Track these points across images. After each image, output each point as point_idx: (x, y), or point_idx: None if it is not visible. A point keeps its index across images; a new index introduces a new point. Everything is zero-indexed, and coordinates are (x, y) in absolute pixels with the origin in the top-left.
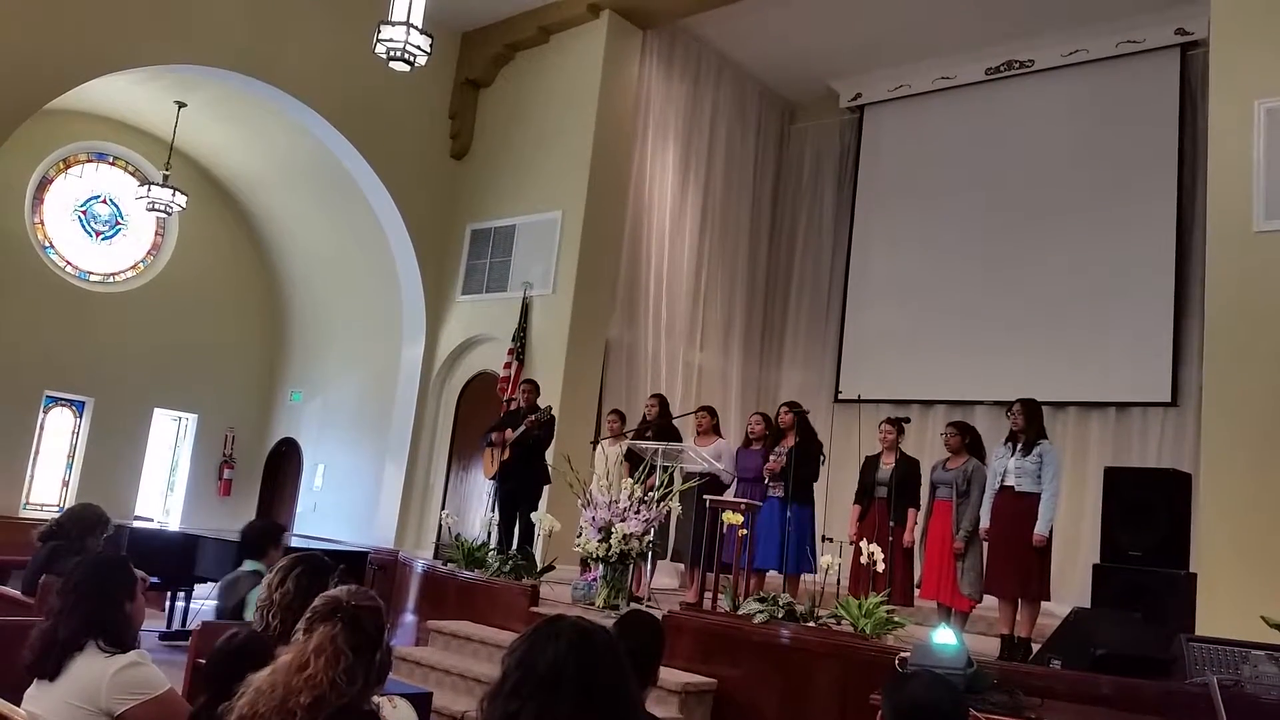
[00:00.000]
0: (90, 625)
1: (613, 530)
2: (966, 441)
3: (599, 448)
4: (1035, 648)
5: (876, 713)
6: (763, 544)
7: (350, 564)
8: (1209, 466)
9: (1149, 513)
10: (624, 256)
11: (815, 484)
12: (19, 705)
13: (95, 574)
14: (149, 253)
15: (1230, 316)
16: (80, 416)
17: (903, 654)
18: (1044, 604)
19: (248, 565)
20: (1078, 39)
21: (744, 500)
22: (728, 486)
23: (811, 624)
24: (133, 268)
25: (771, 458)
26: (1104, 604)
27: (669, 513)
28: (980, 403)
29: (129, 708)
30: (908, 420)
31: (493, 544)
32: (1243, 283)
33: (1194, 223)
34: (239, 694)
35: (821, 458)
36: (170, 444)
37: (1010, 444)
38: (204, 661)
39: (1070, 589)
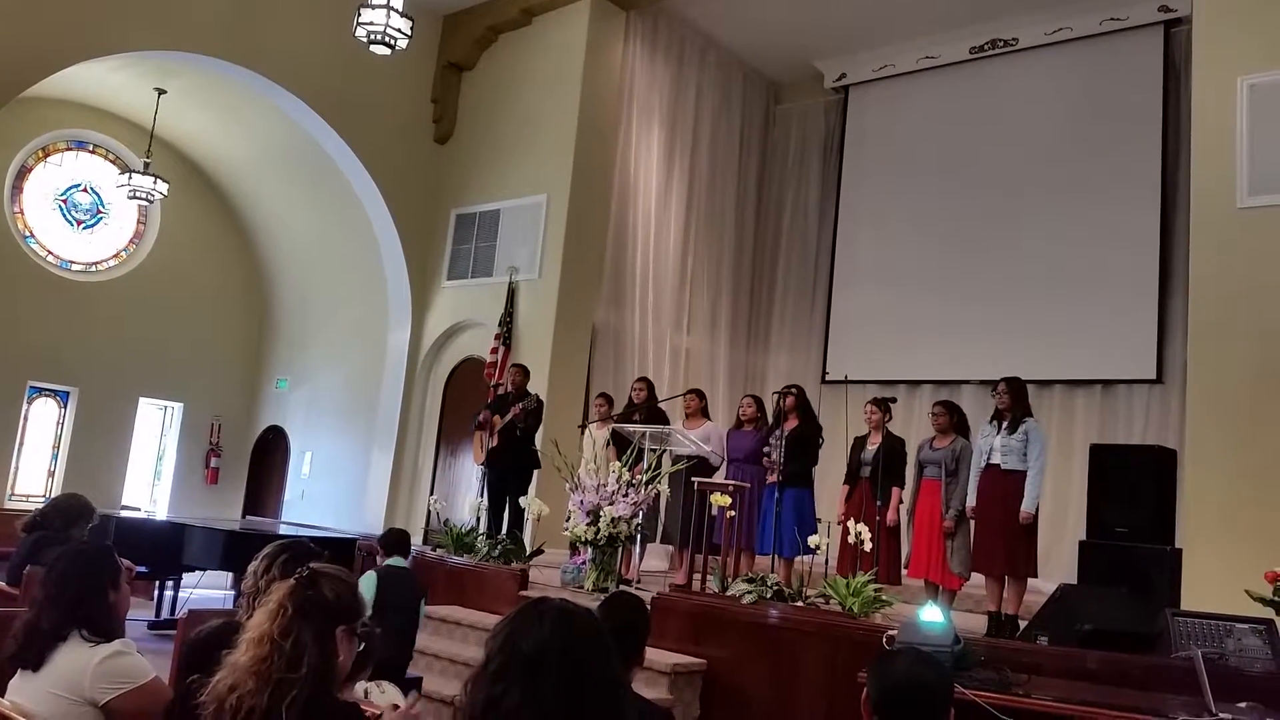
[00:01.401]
0: (73, 615)
1: (601, 514)
2: (954, 421)
3: (587, 432)
4: (1022, 624)
5: (864, 691)
6: (767, 528)
7: (339, 551)
8: (1194, 442)
9: (1135, 489)
10: (610, 240)
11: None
12: (3, 696)
13: (78, 564)
14: (131, 241)
15: (1214, 293)
16: (65, 407)
17: (890, 632)
18: (1031, 581)
19: (400, 560)
20: (1062, 16)
21: (732, 482)
22: (716, 469)
23: (800, 604)
24: (115, 256)
25: (771, 442)
26: (1090, 580)
27: (659, 496)
28: (966, 382)
29: (113, 697)
30: (893, 400)
31: (482, 529)
32: (1226, 259)
33: (1178, 199)
34: (217, 674)
35: (819, 440)
36: (156, 433)
37: (996, 422)
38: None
39: (1057, 566)
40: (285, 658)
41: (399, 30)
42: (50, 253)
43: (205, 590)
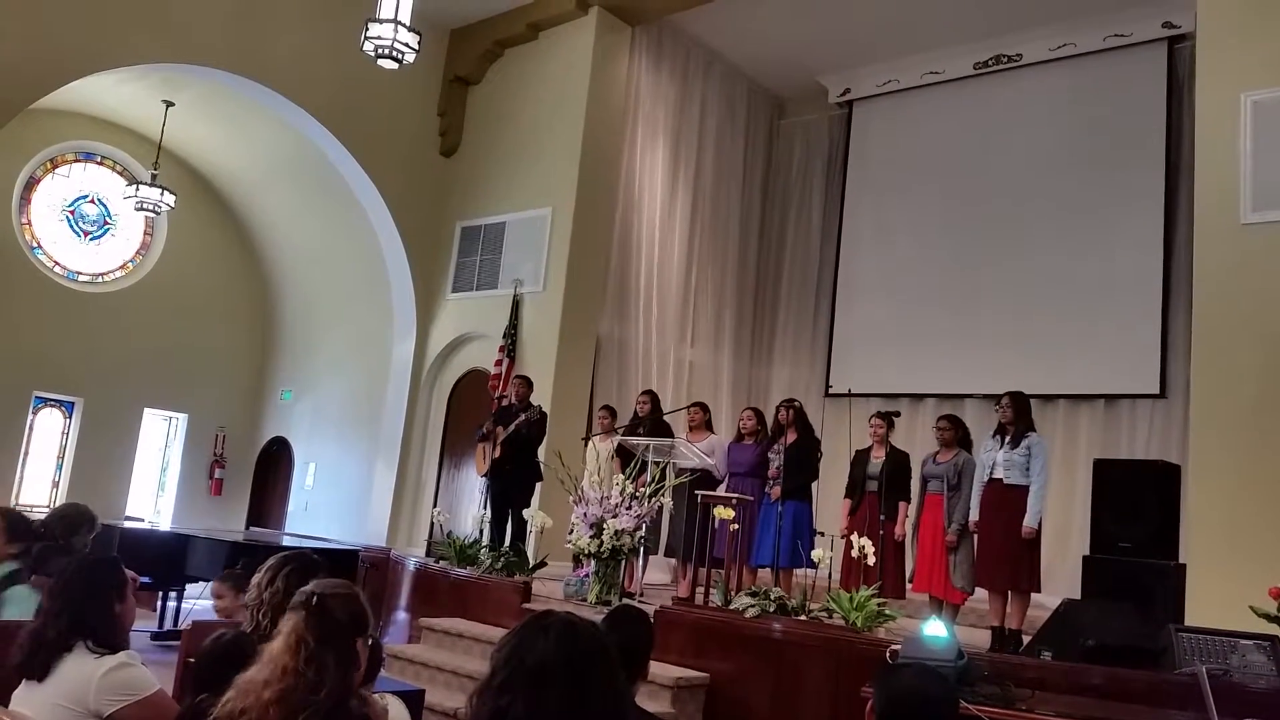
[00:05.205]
0: (79, 626)
1: (604, 526)
2: (958, 435)
3: (590, 444)
4: (1026, 639)
5: (868, 705)
6: (763, 541)
7: (342, 562)
8: (1197, 457)
9: (1138, 504)
10: (614, 253)
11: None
12: (8, 706)
13: (85, 575)
14: (138, 252)
15: (1217, 308)
16: (70, 417)
17: (894, 647)
18: (1034, 596)
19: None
20: (1065, 33)
21: (735, 495)
22: (720, 482)
23: (803, 617)
24: (121, 267)
25: (771, 455)
26: (1094, 595)
27: (662, 508)
28: (970, 396)
29: (117, 709)
30: (897, 414)
31: (485, 541)
32: (1230, 275)
33: (1181, 215)
34: (227, 692)
35: (818, 454)
36: (160, 444)
37: (999, 436)
38: (192, 661)
39: (1060, 580)
40: (309, 685)
41: (406, 45)
42: (57, 263)
43: (208, 601)
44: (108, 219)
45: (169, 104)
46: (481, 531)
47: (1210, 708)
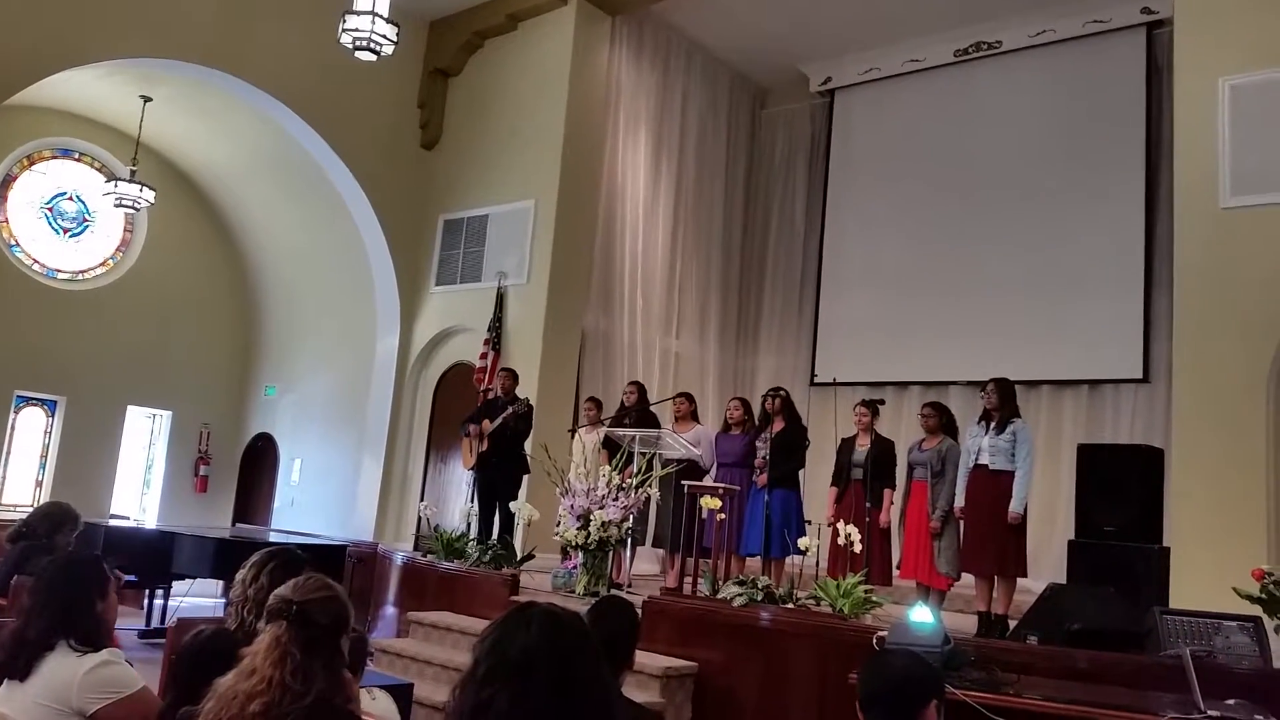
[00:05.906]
0: (61, 625)
1: (591, 518)
2: (943, 422)
3: (576, 436)
4: (1012, 624)
5: (855, 691)
6: (752, 530)
7: (329, 558)
8: (1180, 441)
9: (1123, 488)
10: (598, 244)
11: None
12: None
13: (66, 573)
14: (118, 249)
15: (1199, 292)
16: (52, 415)
17: (880, 633)
18: (1020, 580)
19: None
20: (1045, 19)
21: (722, 485)
22: (707, 472)
23: (790, 606)
24: (102, 264)
25: (759, 445)
26: (1079, 579)
27: (649, 499)
28: (954, 383)
29: (101, 707)
30: (882, 402)
31: (472, 534)
32: (1211, 259)
33: (1162, 200)
34: (205, 698)
35: (805, 443)
36: (145, 441)
37: (984, 423)
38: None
39: (1046, 565)
40: (295, 694)
41: (384, 36)
42: (36, 261)
43: (195, 599)
44: (87, 216)
45: (146, 99)
46: (469, 525)
47: (1195, 689)
